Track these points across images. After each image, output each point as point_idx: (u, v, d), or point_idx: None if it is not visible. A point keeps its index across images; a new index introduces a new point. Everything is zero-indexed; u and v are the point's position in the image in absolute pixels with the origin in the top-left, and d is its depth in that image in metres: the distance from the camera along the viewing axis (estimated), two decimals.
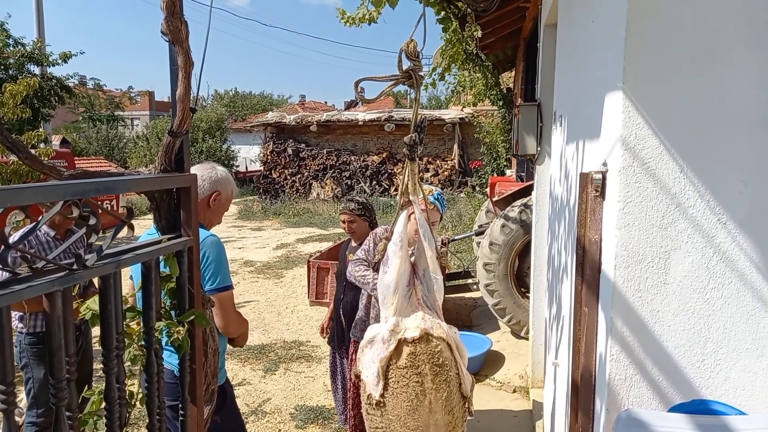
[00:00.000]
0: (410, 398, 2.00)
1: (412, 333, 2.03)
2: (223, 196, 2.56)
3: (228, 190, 2.59)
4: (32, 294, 1.07)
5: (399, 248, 2.09)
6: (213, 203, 2.53)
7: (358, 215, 3.69)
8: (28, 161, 1.39)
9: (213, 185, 2.53)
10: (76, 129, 27.73)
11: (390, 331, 2.04)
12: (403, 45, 1.96)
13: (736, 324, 1.55)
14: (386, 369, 2.04)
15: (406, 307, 2.12)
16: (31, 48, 13.64)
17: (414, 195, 2.14)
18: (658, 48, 1.48)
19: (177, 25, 1.49)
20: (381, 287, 2.14)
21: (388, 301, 2.11)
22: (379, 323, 2.17)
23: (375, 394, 2.05)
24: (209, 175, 2.53)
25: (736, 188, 1.50)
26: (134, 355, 1.50)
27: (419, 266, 2.20)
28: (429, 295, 2.18)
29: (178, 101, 1.56)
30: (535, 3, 4.72)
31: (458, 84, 9.48)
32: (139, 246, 1.45)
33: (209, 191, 2.51)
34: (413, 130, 2.09)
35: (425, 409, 2.01)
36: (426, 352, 2.03)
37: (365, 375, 2.11)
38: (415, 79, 2.02)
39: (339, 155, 18.51)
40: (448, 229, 11.73)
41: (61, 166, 1.50)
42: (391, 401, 2.02)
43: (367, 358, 2.11)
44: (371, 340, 2.11)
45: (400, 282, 2.09)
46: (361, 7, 4.19)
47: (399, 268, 2.08)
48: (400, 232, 2.10)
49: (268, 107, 31.50)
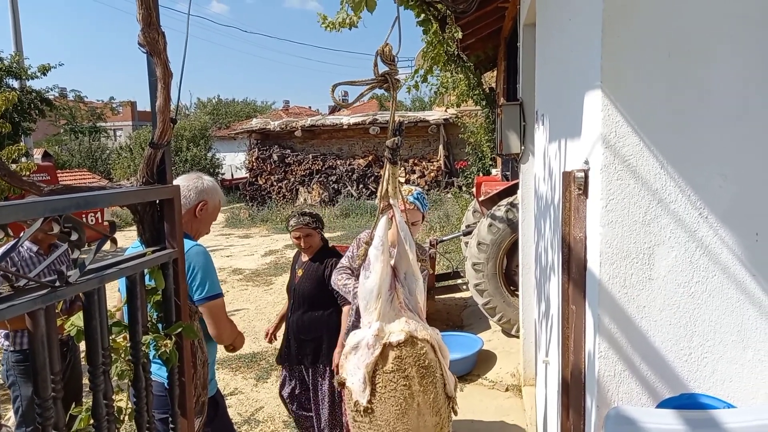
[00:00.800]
0: (399, 402, 2.00)
1: (397, 337, 2.03)
2: (210, 206, 2.55)
3: (215, 199, 2.58)
4: (15, 313, 1.06)
5: (381, 252, 2.07)
6: (200, 213, 2.52)
7: (313, 228, 3.52)
8: (7, 178, 1.38)
9: (199, 195, 2.51)
10: (58, 142, 27.47)
11: (374, 336, 2.03)
12: (378, 49, 1.96)
13: (721, 317, 1.56)
14: (372, 375, 2.03)
15: (389, 311, 2.11)
16: (9, 62, 13.47)
17: (394, 198, 2.13)
18: (635, 46, 1.50)
19: (154, 36, 1.48)
20: (363, 292, 2.12)
21: (371, 306, 2.10)
22: (361, 329, 2.16)
23: (362, 400, 2.04)
24: (195, 185, 2.52)
25: (716, 182, 1.51)
26: (121, 370, 1.49)
27: (400, 269, 2.19)
28: (411, 298, 2.18)
29: (158, 112, 1.55)
30: (514, 3, 4.75)
31: (441, 85, 9.52)
32: (123, 260, 1.44)
33: (195, 201, 2.50)
34: (391, 134, 2.09)
35: (414, 412, 2.01)
36: (412, 355, 2.03)
37: (350, 382, 2.09)
38: (391, 83, 2.02)
39: (325, 160, 18.49)
40: (436, 230, 11.76)
41: (43, 180, 1.49)
42: (380, 407, 2.01)
43: (352, 364, 2.09)
44: (355, 346, 2.09)
45: (382, 286, 2.08)
46: (341, 12, 4.19)
47: (381, 273, 2.07)
48: (381, 236, 2.09)
49: (252, 114, 31.41)
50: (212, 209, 2.58)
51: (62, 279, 1.16)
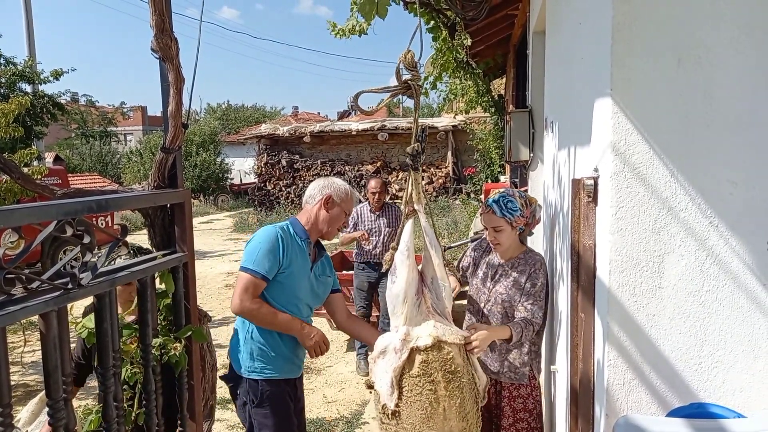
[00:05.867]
0: (424, 406, 2.02)
1: (425, 341, 2.05)
2: (334, 200, 2.59)
3: (341, 193, 2.61)
4: (28, 315, 1.07)
5: (406, 257, 2.10)
6: (326, 205, 2.58)
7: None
8: (21, 181, 1.40)
9: (322, 190, 2.60)
10: (69, 146, 27.67)
11: (402, 340, 2.05)
12: (401, 56, 1.97)
13: (731, 326, 1.55)
14: (399, 378, 2.06)
15: (416, 316, 2.15)
16: (22, 67, 13.61)
17: (419, 204, 2.15)
18: (644, 53, 1.50)
19: (167, 42, 1.50)
20: (390, 297, 2.15)
21: (398, 310, 2.12)
22: (388, 333, 2.18)
23: (390, 404, 2.07)
24: (322, 184, 2.63)
25: (726, 190, 1.51)
26: (132, 372, 1.50)
27: (427, 274, 2.21)
28: (438, 303, 2.20)
29: (170, 117, 1.57)
30: (523, 10, 4.75)
31: (450, 92, 9.51)
32: (133, 263, 1.45)
33: (320, 197, 2.59)
34: (414, 140, 2.10)
35: (440, 416, 2.03)
36: (438, 359, 2.04)
37: (378, 386, 2.13)
38: (414, 90, 2.03)
39: (333, 165, 18.51)
40: (444, 236, 11.74)
41: (54, 183, 1.50)
42: (406, 410, 2.04)
43: (380, 368, 2.12)
44: (383, 350, 2.12)
45: (408, 291, 2.11)
46: (351, 19, 4.22)
47: (407, 277, 2.10)
48: (407, 241, 2.12)
49: (261, 119, 31.53)
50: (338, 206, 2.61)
51: (74, 281, 1.18)
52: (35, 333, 6.09)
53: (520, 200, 2.51)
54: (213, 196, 22.67)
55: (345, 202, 2.61)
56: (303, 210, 2.66)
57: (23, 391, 4.82)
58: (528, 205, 2.55)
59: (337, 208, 2.59)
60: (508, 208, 2.49)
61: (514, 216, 2.49)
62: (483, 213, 2.60)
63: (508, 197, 2.52)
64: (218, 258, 11.58)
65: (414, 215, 2.16)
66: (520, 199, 2.51)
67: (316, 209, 2.59)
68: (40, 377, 4.89)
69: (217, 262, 11.14)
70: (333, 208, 2.59)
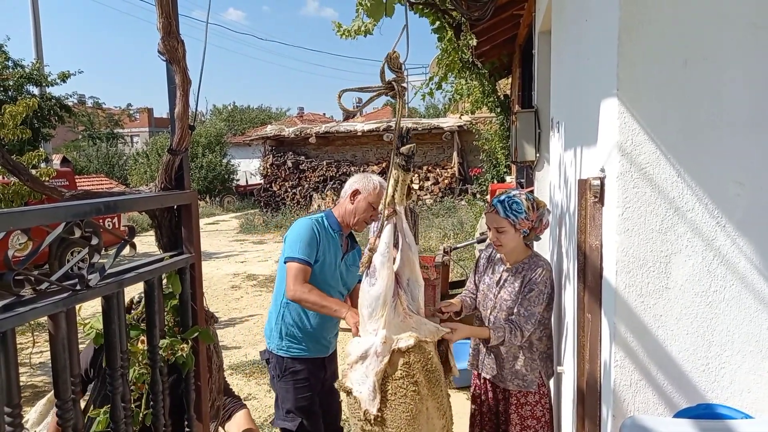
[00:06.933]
0: (409, 408, 1.99)
1: (406, 342, 2.02)
2: (361, 195, 2.72)
3: (368, 188, 2.72)
4: (37, 316, 1.08)
5: (387, 259, 2.06)
6: (352, 198, 2.74)
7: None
8: (30, 183, 1.41)
9: (352, 185, 2.76)
10: (76, 148, 27.81)
11: (383, 343, 2.02)
12: (386, 57, 1.96)
13: (739, 326, 1.55)
14: (382, 382, 2.02)
15: (394, 318, 2.11)
16: (30, 69, 13.70)
17: (400, 206, 2.13)
18: (651, 53, 1.49)
19: (174, 44, 1.50)
20: (368, 299, 2.09)
21: (377, 313, 2.07)
22: (365, 337, 2.13)
23: (372, 409, 2.01)
24: (354, 179, 2.80)
25: (733, 190, 1.50)
26: (139, 373, 1.51)
27: (403, 275, 2.19)
28: (413, 304, 2.19)
29: (176, 119, 1.57)
30: (528, 10, 4.75)
31: (455, 92, 9.51)
32: (141, 264, 1.46)
33: (350, 191, 2.76)
34: (396, 141, 2.09)
35: (423, 416, 2.01)
36: (420, 360, 2.03)
37: (357, 391, 2.07)
38: (397, 91, 2.03)
39: (339, 166, 18.53)
40: (450, 237, 11.72)
41: (62, 185, 1.51)
42: (390, 414, 2.00)
43: (359, 373, 2.07)
44: (363, 355, 2.07)
45: (388, 293, 2.07)
46: (356, 20, 4.22)
47: (388, 280, 2.06)
48: (387, 243, 2.08)
49: (267, 120, 31.59)
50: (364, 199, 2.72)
51: (83, 282, 1.18)
52: (44, 334, 6.12)
53: (527, 203, 2.45)
54: (219, 197, 22.75)
55: (371, 195, 2.72)
56: (338, 203, 2.84)
57: (31, 392, 4.85)
58: (535, 208, 2.48)
59: (363, 202, 2.73)
60: (512, 209, 2.43)
61: (518, 218, 2.42)
62: (487, 212, 2.57)
63: (513, 198, 2.46)
64: (224, 259, 11.62)
65: (394, 216, 2.13)
66: (527, 202, 2.45)
67: (346, 202, 2.77)
68: (48, 378, 4.93)
69: (223, 263, 11.18)
70: (359, 201, 2.73)
